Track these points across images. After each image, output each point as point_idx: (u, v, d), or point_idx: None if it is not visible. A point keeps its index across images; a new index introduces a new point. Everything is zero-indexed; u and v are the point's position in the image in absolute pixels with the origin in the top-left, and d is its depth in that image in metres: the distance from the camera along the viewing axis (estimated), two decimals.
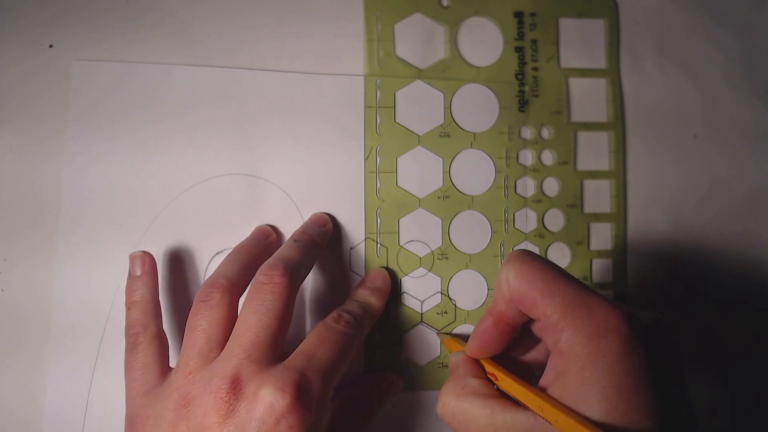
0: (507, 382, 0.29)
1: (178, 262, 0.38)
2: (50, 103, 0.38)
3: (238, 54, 0.39)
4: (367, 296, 0.37)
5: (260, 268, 0.33)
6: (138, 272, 0.35)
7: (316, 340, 0.32)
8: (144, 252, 0.35)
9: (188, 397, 0.29)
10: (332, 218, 0.39)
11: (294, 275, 0.33)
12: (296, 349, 0.31)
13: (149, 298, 0.34)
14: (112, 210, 0.38)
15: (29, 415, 0.36)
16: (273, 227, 0.38)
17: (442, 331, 0.39)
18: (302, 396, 0.29)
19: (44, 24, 0.38)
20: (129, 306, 0.34)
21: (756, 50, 0.44)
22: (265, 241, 0.37)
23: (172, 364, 0.34)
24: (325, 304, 0.39)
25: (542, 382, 0.27)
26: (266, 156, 0.39)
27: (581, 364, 0.25)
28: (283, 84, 0.39)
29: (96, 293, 0.37)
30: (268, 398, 0.28)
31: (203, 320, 0.31)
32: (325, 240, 0.38)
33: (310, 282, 0.39)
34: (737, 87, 0.44)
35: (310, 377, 0.30)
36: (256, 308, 0.31)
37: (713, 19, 0.44)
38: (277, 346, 0.31)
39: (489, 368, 0.31)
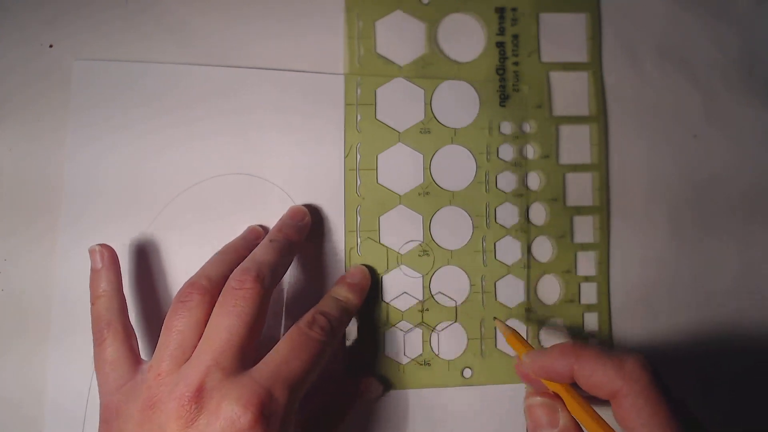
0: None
1: (179, 261, 0.38)
2: (50, 103, 0.38)
3: (233, 52, 0.40)
4: (346, 292, 0.37)
5: (233, 272, 0.33)
6: (98, 266, 0.34)
7: (287, 348, 0.31)
8: (102, 245, 0.35)
9: (154, 399, 0.29)
10: (312, 211, 0.39)
11: (267, 279, 0.32)
12: (266, 357, 0.31)
13: (111, 292, 0.34)
14: (113, 209, 0.38)
15: (31, 409, 0.37)
16: (264, 228, 0.39)
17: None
18: (265, 413, 0.28)
19: (44, 24, 0.39)
20: (93, 302, 0.34)
21: (756, 50, 0.44)
22: (255, 241, 0.37)
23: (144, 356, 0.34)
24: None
25: None
26: (253, 153, 0.39)
27: None
28: (270, 82, 0.39)
29: None
30: (229, 413, 0.28)
31: (179, 321, 0.31)
32: (302, 235, 0.37)
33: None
34: (737, 87, 0.43)
35: (275, 393, 0.29)
36: (226, 313, 0.31)
37: (713, 18, 0.44)
38: (247, 352, 0.31)
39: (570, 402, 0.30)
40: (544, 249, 0.41)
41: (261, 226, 0.39)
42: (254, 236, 0.38)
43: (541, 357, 0.31)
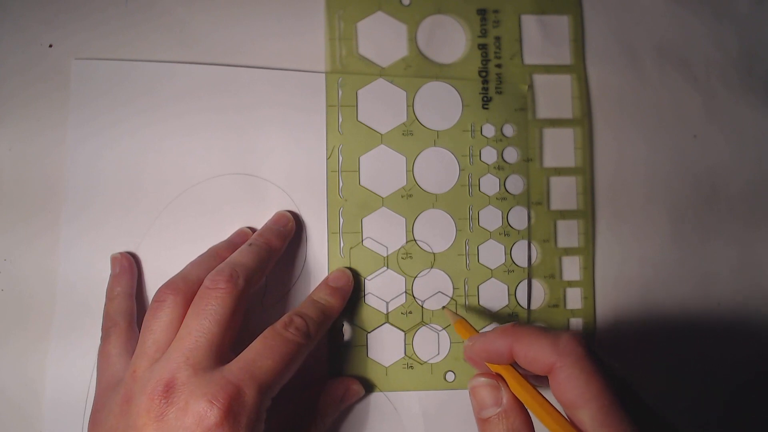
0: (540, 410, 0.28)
1: (179, 261, 0.37)
2: (50, 102, 0.38)
3: (232, 51, 0.40)
4: (327, 296, 0.37)
5: (210, 273, 0.33)
6: (116, 271, 0.37)
7: (260, 347, 0.31)
8: (122, 253, 0.37)
9: (130, 394, 0.30)
10: (295, 216, 0.39)
11: (241, 280, 0.32)
12: (239, 355, 0.31)
13: (123, 296, 0.36)
14: (113, 209, 0.38)
15: (31, 408, 0.37)
16: (254, 230, 0.38)
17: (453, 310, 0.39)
18: (233, 409, 0.28)
19: (44, 24, 0.38)
20: (106, 302, 0.36)
21: (756, 50, 0.44)
22: (242, 244, 0.37)
23: None
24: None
25: None
26: (251, 153, 0.39)
27: None
28: (267, 81, 0.39)
29: (96, 286, 0.37)
30: (197, 409, 0.28)
31: (153, 322, 0.32)
32: (284, 240, 0.37)
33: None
34: (737, 87, 0.44)
35: (244, 389, 0.29)
36: (198, 313, 0.31)
37: (713, 18, 0.44)
38: (221, 351, 0.31)
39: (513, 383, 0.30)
40: (526, 253, 0.41)
41: (250, 228, 0.38)
42: (241, 239, 0.37)
43: (482, 339, 0.31)
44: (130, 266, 0.37)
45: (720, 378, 0.42)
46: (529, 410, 0.29)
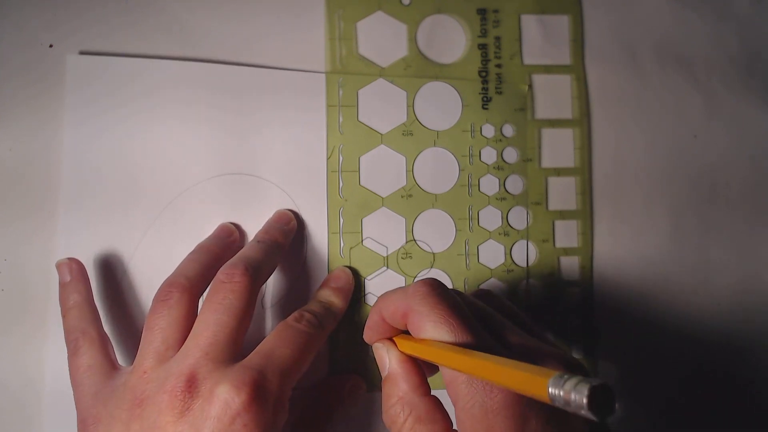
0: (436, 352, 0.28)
1: (178, 261, 0.37)
2: (50, 103, 0.38)
3: (233, 50, 0.40)
4: (330, 296, 0.37)
5: (222, 267, 0.33)
6: (67, 278, 0.35)
7: (276, 339, 0.32)
8: (70, 258, 0.35)
9: (142, 396, 0.29)
10: (296, 215, 0.39)
11: (255, 275, 0.32)
12: (255, 348, 0.31)
13: (82, 302, 0.34)
14: (112, 209, 0.38)
15: (30, 406, 0.37)
16: (236, 225, 0.38)
17: None
18: (258, 394, 0.28)
19: (44, 23, 0.38)
20: (64, 314, 0.34)
21: (756, 49, 0.44)
22: (227, 239, 0.37)
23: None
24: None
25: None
26: (250, 152, 0.39)
27: None
28: (267, 80, 0.39)
29: (94, 286, 0.36)
30: (223, 396, 0.28)
31: (161, 320, 0.31)
32: (288, 238, 0.37)
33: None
34: (737, 87, 0.44)
35: (267, 376, 0.29)
36: (215, 307, 0.31)
37: (713, 17, 0.44)
38: (236, 346, 0.31)
39: (405, 344, 0.31)
40: (525, 253, 0.41)
41: (233, 223, 0.38)
42: (226, 234, 0.37)
43: (367, 324, 0.32)
44: (81, 271, 0.35)
45: (720, 378, 0.42)
46: (425, 358, 0.29)
